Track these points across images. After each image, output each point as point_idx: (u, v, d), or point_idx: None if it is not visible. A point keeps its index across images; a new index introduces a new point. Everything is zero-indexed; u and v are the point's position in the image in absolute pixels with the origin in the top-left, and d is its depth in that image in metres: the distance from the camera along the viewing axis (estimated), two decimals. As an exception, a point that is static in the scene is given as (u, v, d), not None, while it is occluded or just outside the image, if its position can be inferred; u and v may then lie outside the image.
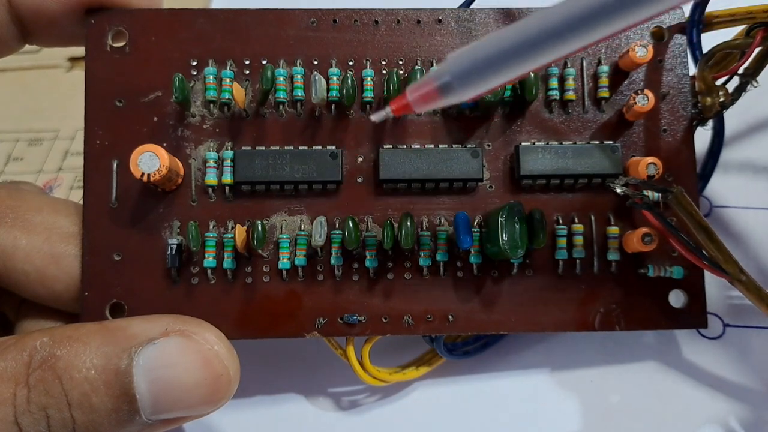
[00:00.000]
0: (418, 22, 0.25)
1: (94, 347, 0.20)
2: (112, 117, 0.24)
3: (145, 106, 0.24)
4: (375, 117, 0.20)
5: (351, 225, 0.23)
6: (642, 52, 0.24)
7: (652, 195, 0.23)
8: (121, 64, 0.24)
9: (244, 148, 0.24)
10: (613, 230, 0.25)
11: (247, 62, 0.25)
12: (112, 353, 0.20)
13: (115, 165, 0.24)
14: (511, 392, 0.27)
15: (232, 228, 0.24)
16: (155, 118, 0.24)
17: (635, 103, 0.24)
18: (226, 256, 0.23)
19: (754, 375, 0.26)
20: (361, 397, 0.27)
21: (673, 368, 0.27)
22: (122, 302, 0.23)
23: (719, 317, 0.27)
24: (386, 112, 0.19)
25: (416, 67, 0.25)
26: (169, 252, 0.23)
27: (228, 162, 0.24)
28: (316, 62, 0.25)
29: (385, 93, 0.24)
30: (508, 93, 0.24)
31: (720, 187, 0.28)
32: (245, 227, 0.23)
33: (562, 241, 0.24)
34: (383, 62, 0.25)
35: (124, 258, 0.23)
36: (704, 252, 0.23)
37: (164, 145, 0.24)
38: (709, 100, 0.26)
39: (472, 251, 0.24)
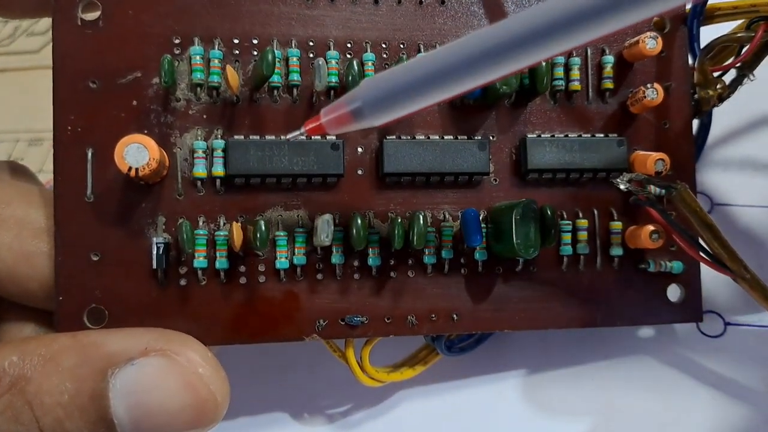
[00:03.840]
0: (421, 2, 0.24)
1: (66, 368, 0.18)
2: (85, 100, 0.21)
3: (122, 88, 0.22)
4: (290, 136, 0.20)
5: (359, 223, 0.21)
6: (652, 44, 0.23)
7: (654, 190, 0.23)
8: (94, 41, 0.22)
9: (236, 137, 0.22)
10: (616, 225, 0.24)
11: (237, 41, 0.22)
12: (86, 375, 0.18)
13: (90, 154, 0.21)
14: (509, 390, 0.27)
15: (225, 224, 0.22)
16: (134, 102, 0.22)
17: (644, 96, 0.23)
18: (218, 255, 0.22)
19: (755, 373, 0.27)
20: (351, 405, 0.26)
21: (673, 366, 0.27)
22: (102, 307, 0.21)
23: (720, 315, 0.27)
24: (300, 132, 0.20)
25: (419, 55, 0.23)
26: (155, 252, 0.21)
27: (219, 152, 0.22)
28: (312, 43, 0.23)
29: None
30: (516, 82, 0.23)
31: (721, 185, 0.28)
32: (239, 224, 0.21)
33: (567, 237, 0.24)
34: (384, 45, 0.23)
35: (102, 258, 0.21)
36: (708, 249, 0.23)
37: (145, 132, 0.22)
38: (707, 92, 0.25)
39: (478, 248, 0.23)
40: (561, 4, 0.15)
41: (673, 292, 0.25)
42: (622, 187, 0.23)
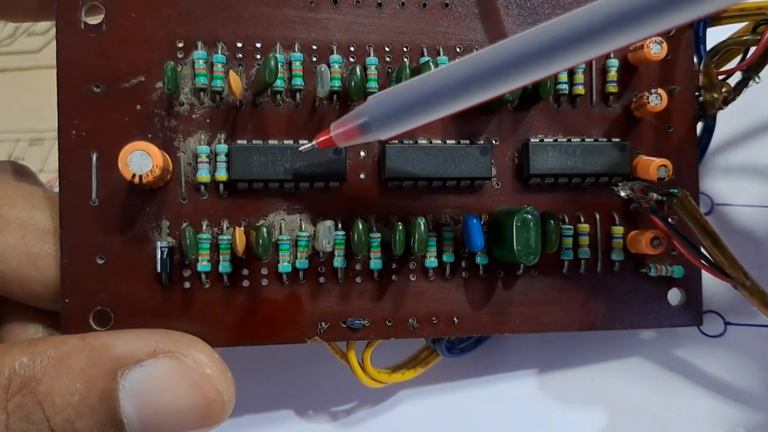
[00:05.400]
0: (424, 5, 0.24)
1: (77, 369, 0.19)
2: (89, 104, 0.21)
3: (126, 92, 0.22)
4: (303, 149, 0.21)
5: (360, 229, 0.21)
6: (657, 49, 0.23)
7: (655, 197, 0.23)
8: (97, 44, 0.22)
9: (239, 141, 0.22)
10: (618, 230, 0.24)
11: (240, 45, 0.22)
12: (96, 376, 0.19)
13: (94, 158, 0.21)
14: (509, 391, 0.27)
15: (228, 228, 0.22)
16: (138, 106, 0.22)
17: (648, 102, 0.23)
18: (221, 259, 0.22)
19: (755, 373, 0.27)
20: (353, 405, 0.27)
21: (673, 366, 0.27)
22: (108, 309, 0.21)
23: (720, 315, 0.28)
24: (312, 145, 0.21)
25: (422, 59, 0.23)
26: (159, 256, 0.21)
27: (222, 157, 0.22)
28: (315, 47, 0.23)
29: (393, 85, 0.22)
30: (519, 88, 0.23)
31: (722, 185, 0.28)
32: (242, 228, 0.22)
33: (568, 242, 0.24)
34: (387, 49, 0.23)
35: (108, 261, 0.21)
36: (709, 256, 0.23)
37: (149, 136, 0.22)
38: (712, 95, 0.25)
39: (479, 253, 0.23)
40: (556, 25, 0.16)
41: (674, 296, 0.25)
42: (622, 194, 0.23)
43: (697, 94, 0.25)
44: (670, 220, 0.24)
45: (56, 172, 0.21)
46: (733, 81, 0.26)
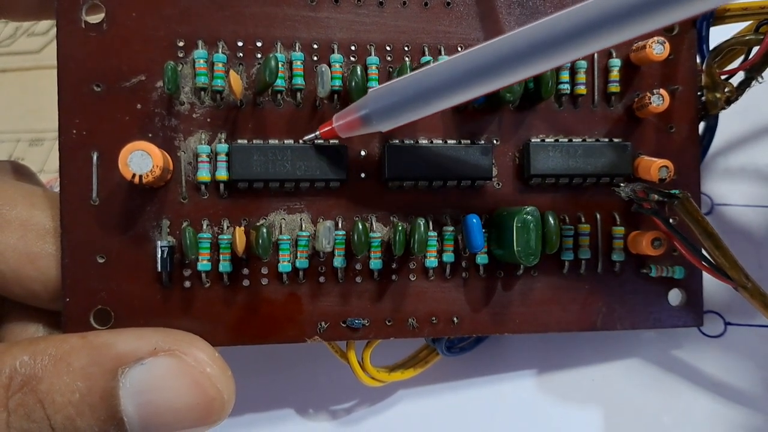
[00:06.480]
0: (426, 4, 0.24)
1: (78, 367, 0.19)
2: (89, 103, 0.21)
3: (126, 92, 0.22)
4: (306, 138, 0.22)
5: (360, 230, 0.21)
6: (659, 49, 0.23)
7: (657, 198, 0.23)
8: (98, 43, 0.22)
9: (240, 141, 0.22)
10: (619, 230, 0.24)
11: (240, 44, 0.22)
12: (97, 374, 0.19)
13: (95, 157, 0.21)
14: (509, 391, 0.27)
15: (228, 228, 0.22)
16: (139, 106, 0.22)
17: (650, 102, 0.23)
18: (222, 258, 0.22)
19: (755, 373, 0.27)
20: (353, 403, 0.27)
21: (673, 366, 0.27)
22: (108, 308, 0.21)
23: (720, 315, 0.27)
24: (315, 135, 0.22)
25: (423, 58, 0.23)
26: (160, 255, 0.21)
27: (222, 156, 0.22)
28: (316, 46, 0.23)
29: (394, 85, 0.22)
30: (520, 88, 0.23)
31: (721, 185, 0.28)
32: (242, 228, 0.22)
33: (569, 242, 0.24)
34: (388, 48, 0.23)
35: (108, 260, 0.22)
36: (710, 258, 0.23)
37: (149, 135, 0.22)
38: (715, 95, 0.25)
39: (479, 253, 0.23)
40: (558, 21, 0.16)
41: (675, 297, 0.25)
42: (623, 195, 0.23)
43: (699, 93, 0.25)
44: (671, 220, 0.24)
45: (56, 172, 0.21)
46: (735, 81, 0.25)
